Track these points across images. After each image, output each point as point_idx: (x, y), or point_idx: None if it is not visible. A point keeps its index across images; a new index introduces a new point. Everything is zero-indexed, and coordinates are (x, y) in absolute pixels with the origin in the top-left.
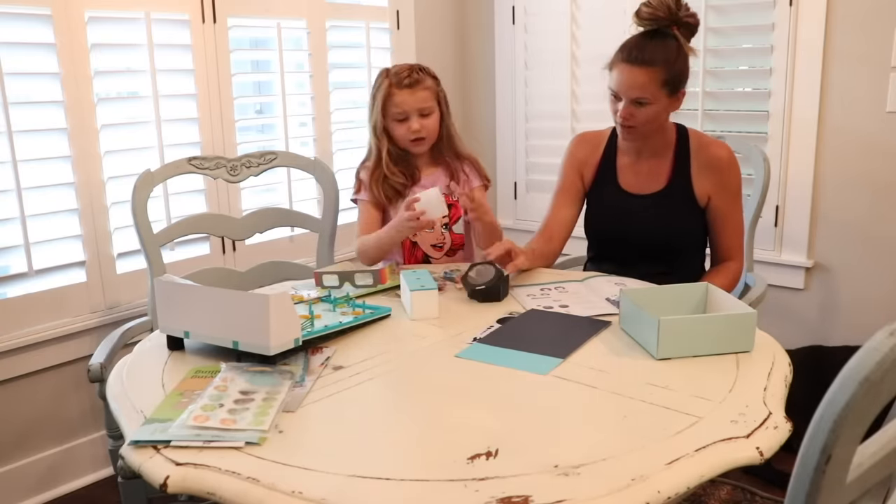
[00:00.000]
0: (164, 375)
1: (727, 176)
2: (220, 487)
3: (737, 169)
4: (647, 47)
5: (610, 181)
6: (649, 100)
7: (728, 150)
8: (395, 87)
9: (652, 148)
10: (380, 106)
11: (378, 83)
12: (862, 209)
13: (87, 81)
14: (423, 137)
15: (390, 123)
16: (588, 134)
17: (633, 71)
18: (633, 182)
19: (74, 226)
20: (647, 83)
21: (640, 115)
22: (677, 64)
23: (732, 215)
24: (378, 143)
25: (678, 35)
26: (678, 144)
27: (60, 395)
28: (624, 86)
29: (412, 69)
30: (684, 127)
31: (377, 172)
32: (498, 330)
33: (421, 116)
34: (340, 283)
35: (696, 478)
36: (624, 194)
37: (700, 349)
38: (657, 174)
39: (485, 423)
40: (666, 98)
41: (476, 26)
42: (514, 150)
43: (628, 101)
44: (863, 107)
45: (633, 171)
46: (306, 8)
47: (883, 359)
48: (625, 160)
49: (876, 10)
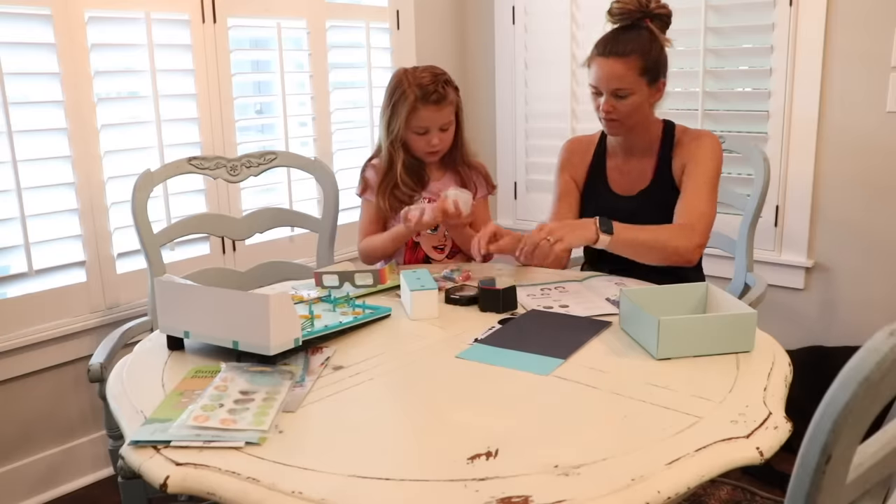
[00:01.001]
0: (164, 375)
1: (700, 151)
2: (220, 487)
3: (714, 152)
4: (621, 39)
5: (600, 184)
6: (629, 90)
7: (712, 135)
8: (421, 103)
9: (638, 147)
10: (403, 118)
11: (400, 91)
12: (862, 209)
13: (87, 81)
14: (439, 150)
15: (410, 135)
16: (577, 139)
17: (609, 63)
18: (621, 183)
19: (74, 226)
20: (625, 73)
21: (623, 108)
22: (653, 52)
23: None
24: (393, 153)
25: (652, 27)
26: (663, 140)
27: (60, 395)
28: (603, 79)
29: (437, 81)
30: (672, 123)
31: (387, 180)
32: (499, 330)
33: (440, 131)
34: (340, 283)
35: (696, 478)
36: (613, 196)
37: (700, 349)
38: (643, 173)
39: (485, 423)
40: (646, 87)
41: (476, 26)
42: (514, 150)
43: (609, 93)
44: (863, 107)
45: (622, 172)
46: (306, 8)
47: (883, 359)
48: (613, 162)
49: (876, 10)
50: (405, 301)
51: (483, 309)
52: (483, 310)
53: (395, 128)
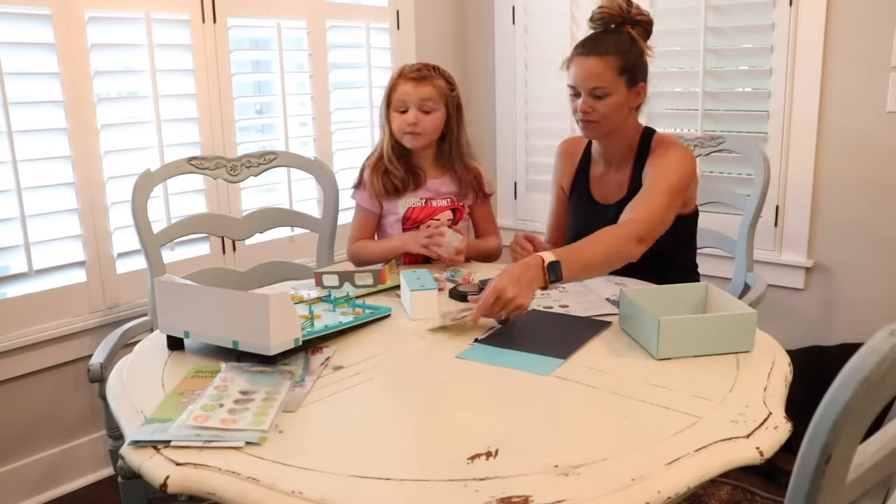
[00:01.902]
0: (164, 375)
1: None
2: (220, 487)
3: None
4: (600, 39)
5: (583, 191)
6: (607, 89)
7: (683, 147)
8: (401, 79)
9: (616, 156)
10: (386, 96)
11: (391, 75)
12: (862, 209)
13: (87, 81)
14: (417, 133)
15: (392, 114)
16: (571, 140)
17: (588, 61)
18: (603, 192)
19: (74, 226)
20: (603, 71)
21: (601, 108)
22: (632, 54)
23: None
24: (383, 135)
25: (632, 32)
26: (639, 150)
27: (60, 395)
28: (580, 77)
29: (425, 66)
30: (652, 130)
31: (379, 164)
32: (499, 331)
33: (421, 111)
34: (340, 283)
35: (696, 478)
36: (593, 204)
37: (700, 349)
38: (620, 184)
39: (485, 423)
40: (625, 89)
41: (476, 26)
42: (514, 150)
43: (587, 92)
44: (863, 107)
45: (603, 181)
46: (306, 8)
47: (883, 359)
48: (596, 170)
49: (876, 10)
50: (405, 301)
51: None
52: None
53: (382, 108)
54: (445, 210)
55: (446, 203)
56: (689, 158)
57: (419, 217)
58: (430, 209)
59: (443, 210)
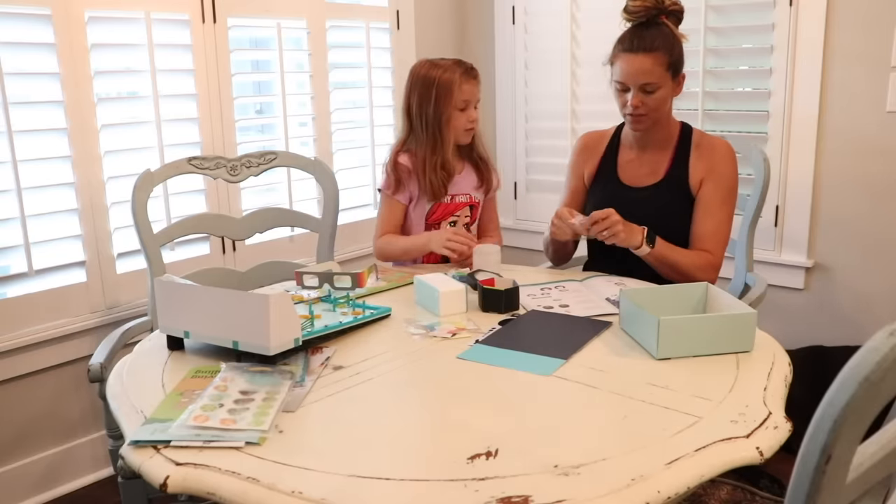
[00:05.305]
0: (164, 375)
1: (720, 164)
2: (220, 487)
3: (732, 163)
4: (646, 35)
5: (610, 176)
6: (657, 84)
7: (728, 144)
8: (464, 77)
9: (655, 141)
10: (445, 95)
11: (439, 73)
12: (862, 209)
13: (87, 81)
14: (474, 129)
15: (453, 112)
16: (592, 133)
17: (638, 58)
18: (633, 176)
19: (74, 226)
20: (653, 68)
21: (651, 102)
22: (676, 47)
23: (713, 203)
24: (442, 132)
25: (668, 23)
26: (681, 138)
27: (60, 395)
28: (631, 74)
29: (467, 63)
30: (689, 126)
31: (434, 160)
32: (499, 331)
33: (475, 109)
34: (320, 284)
35: (696, 478)
36: (622, 187)
37: (700, 349)
38: (657, 167)
39: (485, 423)
40: (671, 81)
41: (476, 26)
42: (514, 150)
43: (637, 88)
44: (863, 107)
45: (635, 165)
46: (306, 8)
47: (883, 359)
48: (627, 156)
49: (876, 9)
50: (424, 302)
51: (485, 309)
52: (485, 310)
53: (439, 110)
54: (465, 206)
55: (465, 200)
56: (733, 153)
57: (443, 213)
58: (454, 205)
59: (462, 206)
